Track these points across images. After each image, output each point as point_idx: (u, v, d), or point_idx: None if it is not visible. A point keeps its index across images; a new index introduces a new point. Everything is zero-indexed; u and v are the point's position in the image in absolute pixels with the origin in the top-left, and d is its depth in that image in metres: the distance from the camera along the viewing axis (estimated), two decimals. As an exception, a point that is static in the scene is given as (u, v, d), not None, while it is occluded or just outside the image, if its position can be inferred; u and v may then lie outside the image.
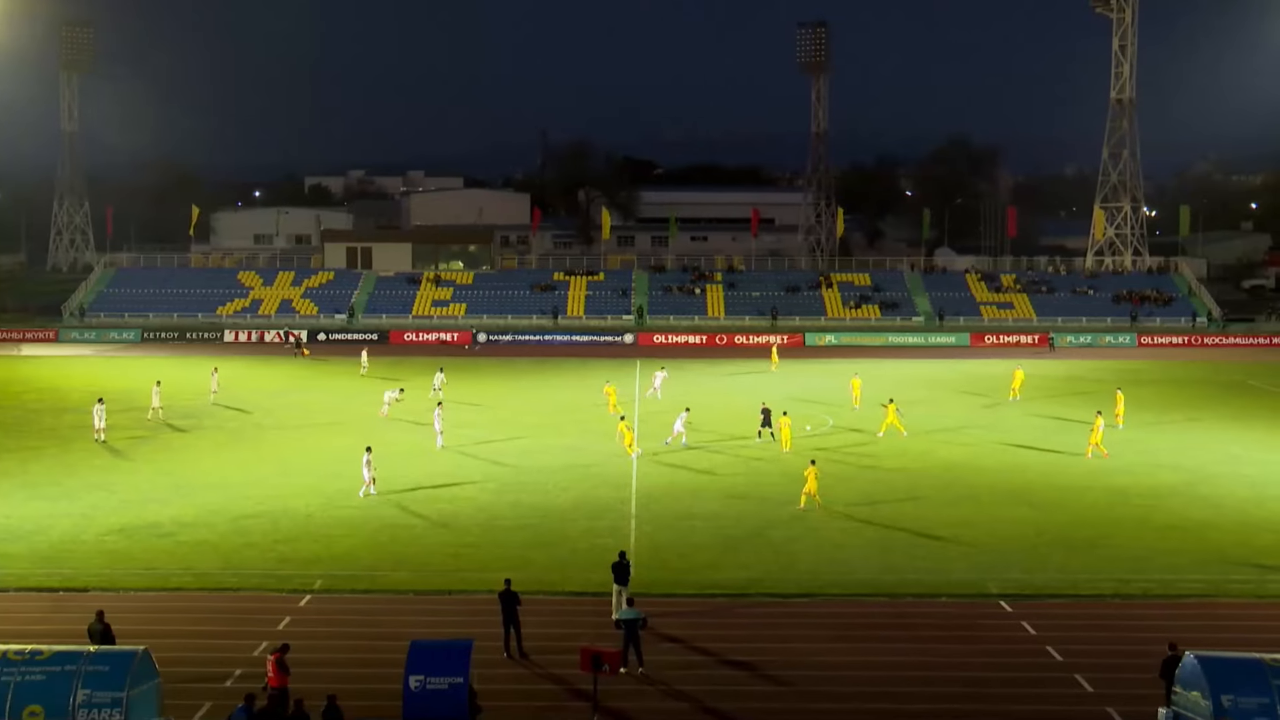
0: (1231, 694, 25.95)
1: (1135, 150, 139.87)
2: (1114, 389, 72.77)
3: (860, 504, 50.04)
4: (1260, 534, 45.76)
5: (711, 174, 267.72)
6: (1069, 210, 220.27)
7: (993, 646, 34.35)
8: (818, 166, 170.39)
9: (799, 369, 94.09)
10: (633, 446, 59.11)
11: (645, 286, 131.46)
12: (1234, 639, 34.00)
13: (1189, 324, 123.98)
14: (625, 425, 60.72)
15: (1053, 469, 56.97)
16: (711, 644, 34.38)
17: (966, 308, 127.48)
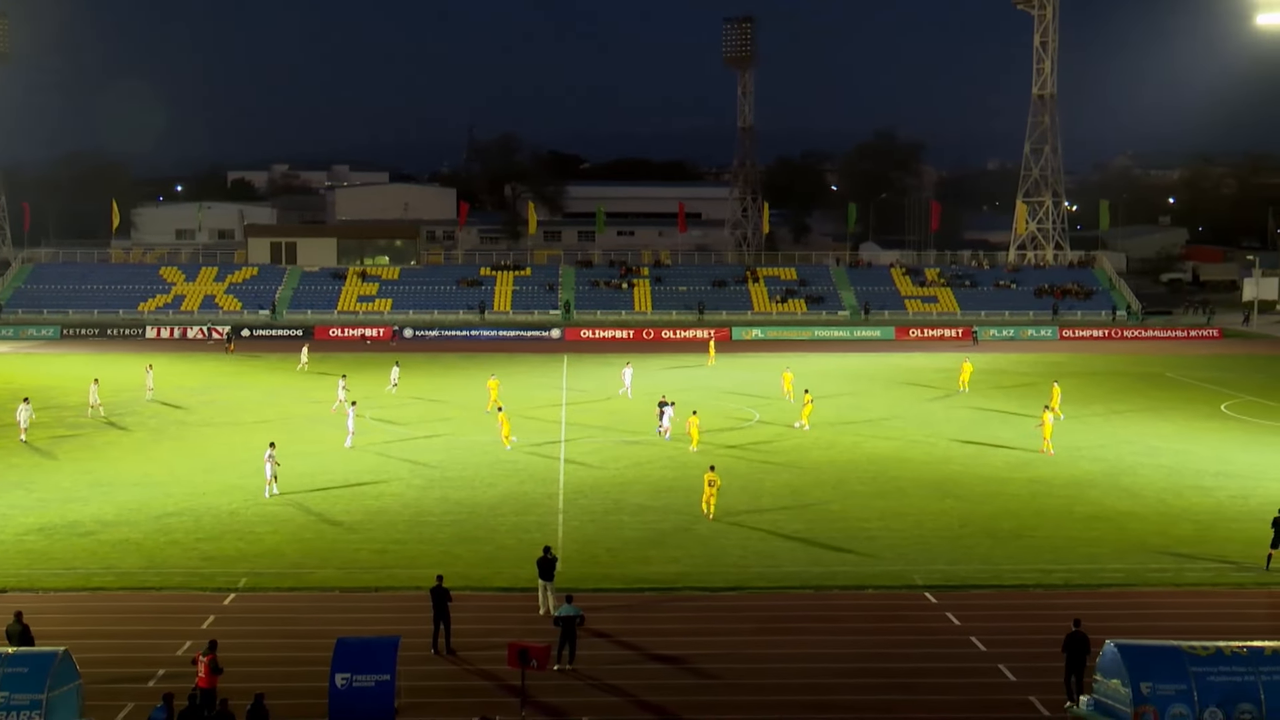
0: (1150, 681, 26.33)
1: (1056, 145, 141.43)
2: (1050, 381, 73.75)
3: (787, 496, 50.30)
4: (1178, 523, 46.46)
5: (639, 169, 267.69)
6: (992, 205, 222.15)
7: (918, 638, 34.65)
8: (744, 161, 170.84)
9: (726, 363, 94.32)
10: (509, 439, 59.44)
11: (572, 281, 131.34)
12: (1153, 627, 34.56)
13: (1109, 317, 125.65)
14: (504, 416, 61.07)
15: (977, 461, 57.54)
16: (640, 638, 34.45)
17: (891, 302, 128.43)
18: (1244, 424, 67.36)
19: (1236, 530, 45.47)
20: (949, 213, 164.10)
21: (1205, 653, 26.94)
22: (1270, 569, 40.43)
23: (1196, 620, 35.67)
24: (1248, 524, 46.21)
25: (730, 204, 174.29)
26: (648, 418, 65.26)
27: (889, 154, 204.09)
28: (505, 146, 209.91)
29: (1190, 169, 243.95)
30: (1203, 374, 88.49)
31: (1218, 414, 70.79)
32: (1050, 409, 62.22)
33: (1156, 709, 26.11)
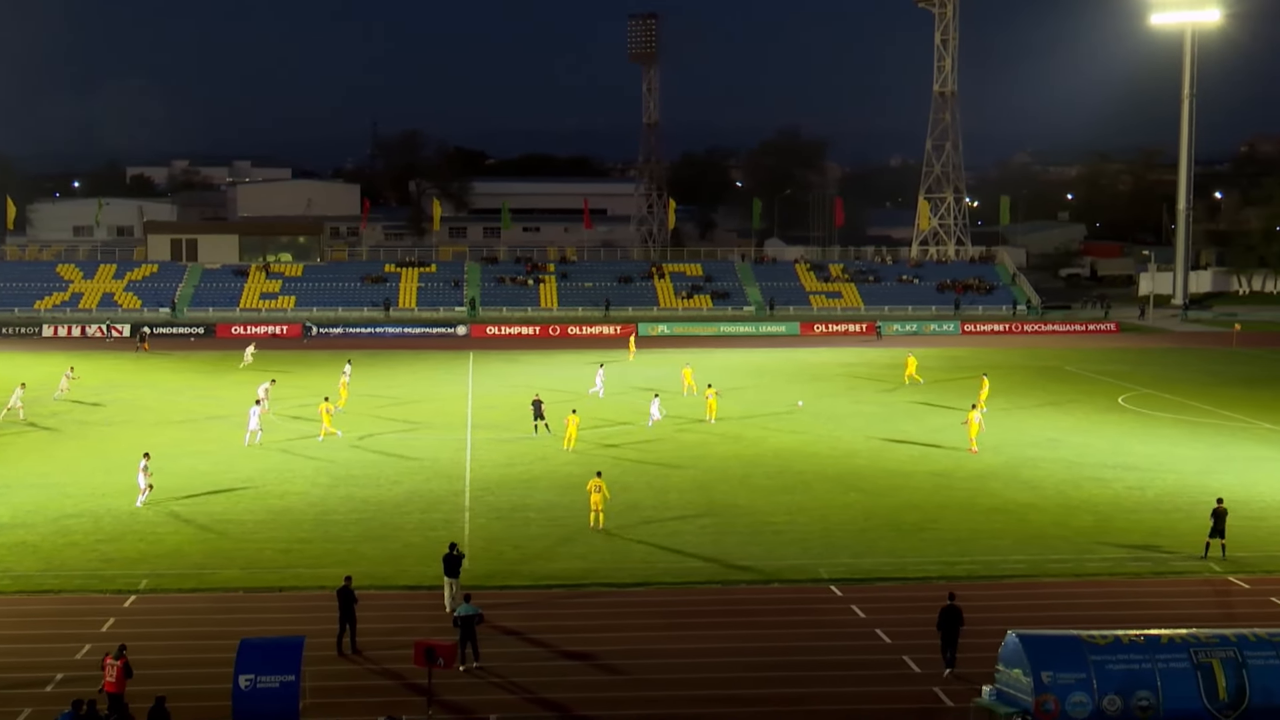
0: (1051, 670, 26.71)
1: (957, 142, 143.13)
2: (979, 375, 74.59)
3: (694, 492, 50.45)
4: (1078, 515, 47.19)
5: (543, 165, 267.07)
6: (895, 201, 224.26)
7: (823, 630, 34.90)
8: (649, 157, 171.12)
9: (636, 359, 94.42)
10: (329, 431, 59.65)
11: (478, 278, 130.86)
12: (1053, 617, 35.08)
13: (1009, 311, 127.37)
14: (326, 407, 61.18)
15: (881, 454, 58.06)
16: (547, 635, 34.39)
17: (796, 297, 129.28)
18: (1141, 416, 68.56)
19: (1134, 521, 46.27)
20: (852, 209, 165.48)
21: (1104, 641, 27.37)
22: (1208, 557, 41.18)
23: (1096, 610, 36.25)
24: (1145, 515, 47.07)
25: (636, 200, 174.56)
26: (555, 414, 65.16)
27: (793, 151, 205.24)
28: (409, 143, 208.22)
29: (1087, 166, 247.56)
30: (1101, 367, 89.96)
31: (1115, 407, 71.99)
32: (976, 406, 62.26)
33: (1057, 697, 26.50)
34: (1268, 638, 27.73)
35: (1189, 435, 62.98)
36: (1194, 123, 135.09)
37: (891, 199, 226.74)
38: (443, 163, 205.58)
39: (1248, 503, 48.63)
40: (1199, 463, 56.20)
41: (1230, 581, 39.30)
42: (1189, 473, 54.08)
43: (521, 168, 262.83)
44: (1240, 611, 36.11)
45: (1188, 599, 37.61)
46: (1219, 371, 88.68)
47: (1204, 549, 41.46)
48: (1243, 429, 64.97)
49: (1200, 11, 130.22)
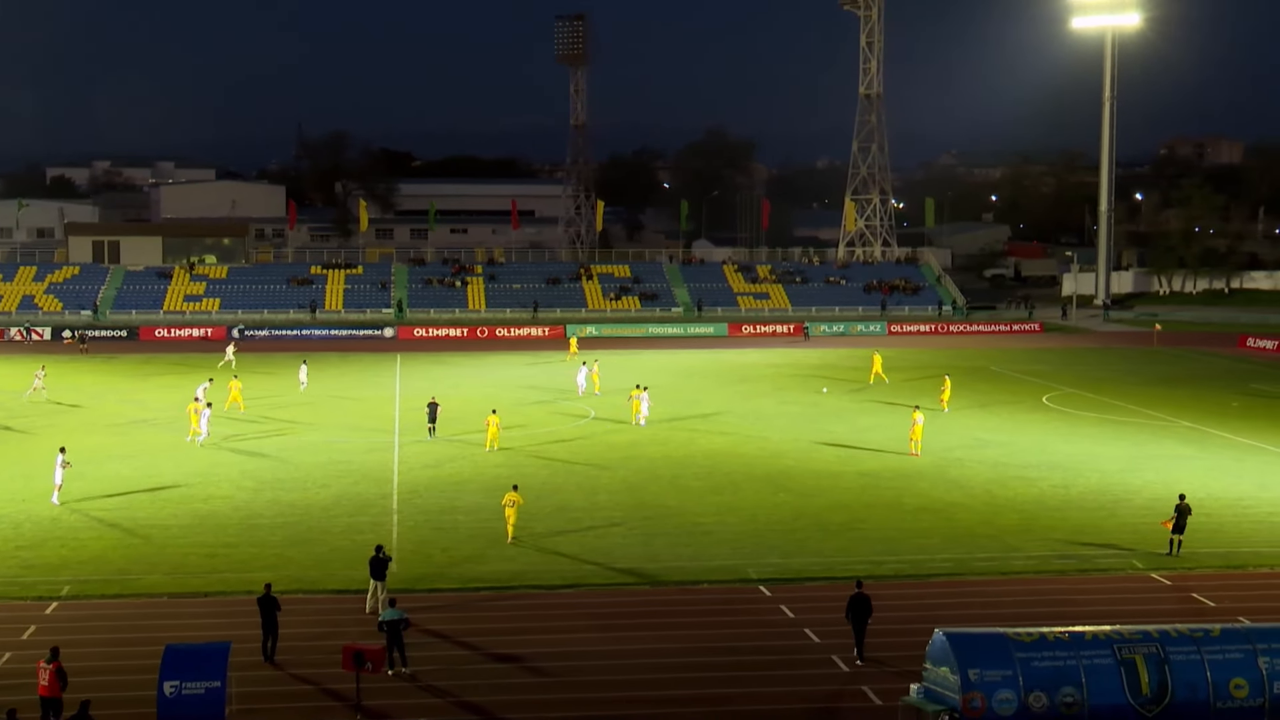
0: (978, 668, 26.90)
1: (883, 144, 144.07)
2: (941, 375, 75.05)
3: (623, 493, 50.46)
4: (1004, 513, 47.63)
5: (471, 166, 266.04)
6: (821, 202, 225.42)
7: (752, 631, 34.99)
8: (577, 158, 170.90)
9: (558, 360, 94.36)
10: (196, 432, 59.51)
11: (405, 280, 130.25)
12: (980, 615, 35.39)
13: (935, 312, 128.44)
14: (195, 409, 60.62)
15: (809, 455, 58.33)
16: (476, 638, 34.25)
17: (724, 298, 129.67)
18: (1064, 415, 69.31)
19: (1059, 519, 46.76)
20: (780, 210, 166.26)
21: (1029, 639, 27.61)
22: (1176, 555, 41.62)
23: (1021, 607, 36.60)
24: (1070, 513, 47.58)
25: (564, 201, 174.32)
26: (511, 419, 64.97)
27: (721, 152, 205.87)
28: (335, 144, 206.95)
29: (1011, 168, 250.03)
30: (1025, 367, 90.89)
31: (1040, 406, 72.75)
32: (917, 411, 59.84)
33: (984, 695, 26.70)
34: (1189, 633, 28.11)
35: (1112, 434, 63.76)
36: (1115, 125, 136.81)
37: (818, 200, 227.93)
38: (369, 164, 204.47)
39: (1169, 500, 49.16)
40: (1122, 461, 56.91)
41: (1152, 578, 39.80)
42: (1112, 471, 54.74)
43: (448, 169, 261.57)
44: (1162, 608, 36.57)
45: (1111, 596, 38.04)
46: (1140, 371, 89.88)
47: (1170, 546, 41.88)
48: (1164, 427, 65.86)
49: (1120, 15, 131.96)
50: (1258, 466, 55.80)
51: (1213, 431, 64.55)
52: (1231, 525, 45.83)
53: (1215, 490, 51.00)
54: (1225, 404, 73.79)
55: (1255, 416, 69.23)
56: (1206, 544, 43.05)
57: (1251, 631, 28.49)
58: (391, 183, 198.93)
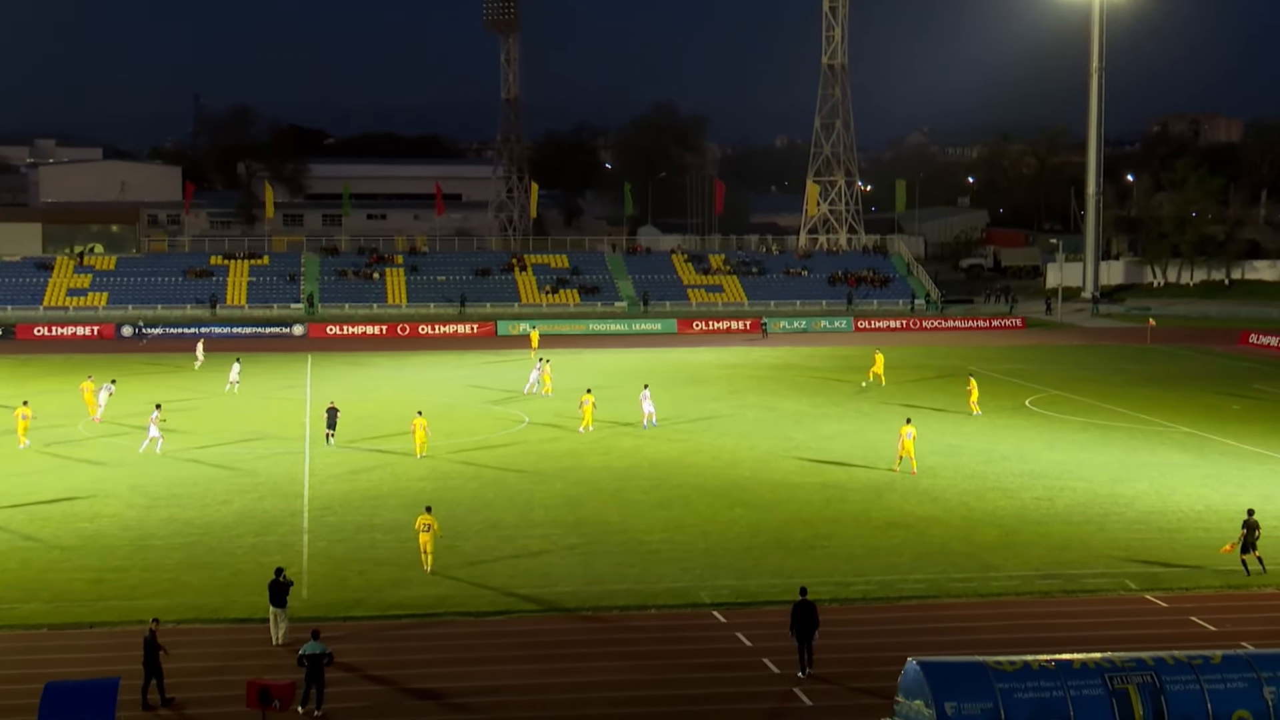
0: (955, 700, 26.92)
1: (849, 120, 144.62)
2: (966, 374, 75.24)
3: (561, 508, 50.33)
4: (982, 528, 47.83)
5: (390, 145, 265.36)
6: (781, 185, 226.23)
7: (706, 661, 34.94)
8: (509, 136, 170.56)
9: (490, 361, 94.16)
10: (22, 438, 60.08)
11: (316, 271, 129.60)
12: (957, 641, 35.49)
13: (906, 306, 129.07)
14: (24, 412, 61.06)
15: (766, 465, 58.40)
16: (395, 671, 34.03)
17: (673, 291, 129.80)
18: (1048, 420, 69.75)
19: (1041, 534, 47.00)
20: (734, 194, 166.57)
21: (1012, 668, 27.67)
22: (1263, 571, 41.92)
23: (1002, 632, 36.75)
24: (1054, 527, 47.85)
25: (494, 184, 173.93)
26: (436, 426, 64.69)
27: (668, 129, 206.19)
28: (237, 119, 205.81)
29: (989, 146, 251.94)
30: (1005, 366, 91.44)
31: (1022, 409, 73.19)
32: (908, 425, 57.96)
33: (962, 730, 26.73)
34: (1187, 660, 28.24)
35: (1100, 440, 64.20)
36: (1103, 100, 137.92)
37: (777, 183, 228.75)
38: (276, 142, 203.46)
39: (1164, 513, 49.70)
40: (1111, 470, 57.31)
41: (1146, 600, 40.06)
42: (1100, 481, 55.11)
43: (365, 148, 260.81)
44: (1158, 632, 36.80)
45: (1101, 619, 38.25)
46: (1132, 370, 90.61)
47: (1244, 567, 42.12)
48: (1158, 433, 66.39)
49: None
50: (1261, 476, 56.33)
51: (1211, 437, 65.13)
52: (1233, 539, 46.12)
53: (1214, 502, 51.42)
54: (1225, 407, 74.49)
55: (1258, 420, 69.92)
56: (1206, 562, 43.38)
57: (1255, 658, 28.66)
58: (301, 163, 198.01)
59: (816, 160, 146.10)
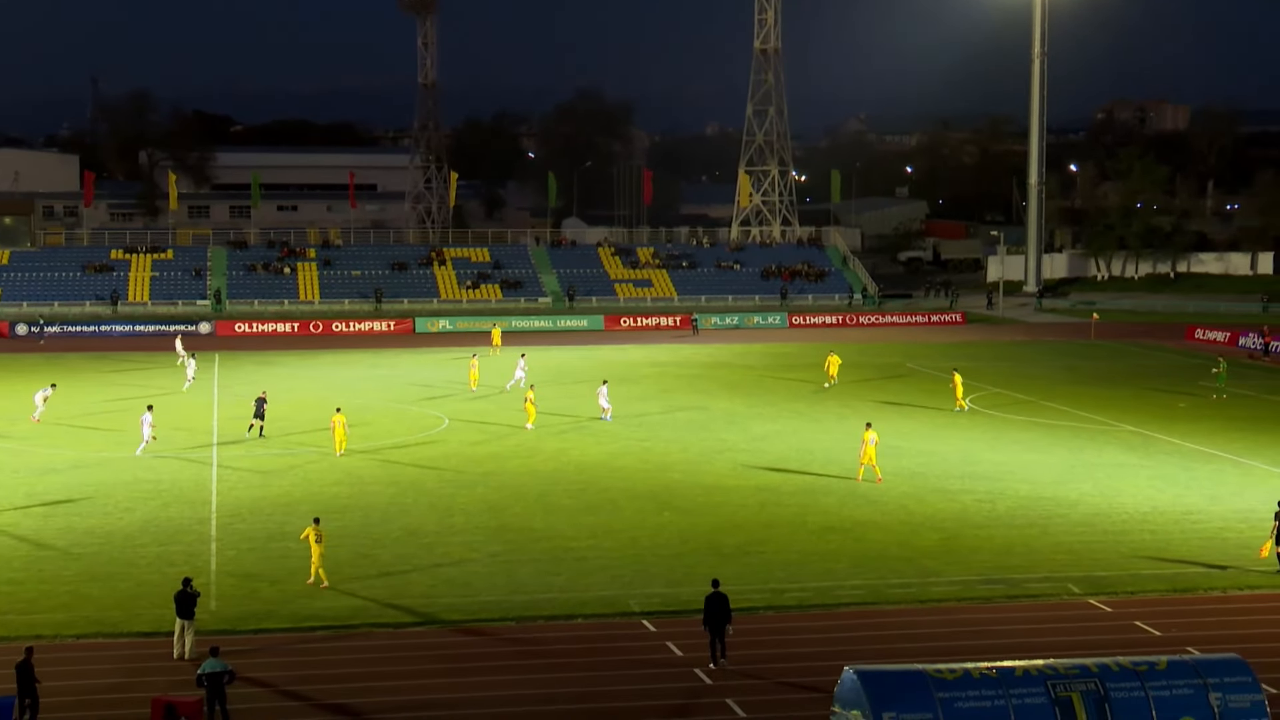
0: (894, 710, 27.12)
1: (782, 107, 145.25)
2: (950, 369, 75.25)
3: (483, 514, 50.29)
4: (922, 533, 48.17)
5: (301, 132, 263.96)
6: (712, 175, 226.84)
7: (635, 672, 35.02)
8: (426, 123, 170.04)
9: (410, 360, 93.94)
10: None
11: (224, 266, 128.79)
12: (895, 649, 35.74)
13: (843, 301, 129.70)
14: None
15: (698, 467, 58.57)
16: (308, 686, 33.91)
17: (600, 286, 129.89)
18: (990, 419, 70.34)
19: (983, 538, 47.40)
20: (663, 184, 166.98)
21: (952, 676, 27.89)
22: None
23: (942, 640, 37.04)
24: (996, 530, 48.27)
25: (411, 174, 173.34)
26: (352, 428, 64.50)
27: (594, 116, 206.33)
28: (138, 105, 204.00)
29: (928, 134, 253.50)
30: (946, 364, 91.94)
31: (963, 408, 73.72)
32: (869, 430, 56.89)
33: (900, 741, 26.95)
34: (1132, 667, 28.57)
35: (1044, 440, 64.81)
36: (1045, 86, 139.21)
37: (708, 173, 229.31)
38: (179, 129, 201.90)
39: (1109, 515, 50.26)
40: (1055, 471, 57.87)
41: (1090, 604, 40.49)
42: (1044, 483, 55.63)
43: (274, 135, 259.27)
44: (1102, 638, 37.21)
45: (1044, 625, 38.63)
46: (1077, 367, 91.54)
47: (1278, 560, 42.64)
48: (1102, 432, 67.11)
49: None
50: (1208, 476, 57.06)
51: (1157, 436, 65.91)
52: (1179, 542, 46.78)
53: (1161, 503, 52.06)
54: (1171, 405, 75.39)
55: (1205, 419, 70.81)
56: (1151, 565, 43.92)
57: (1201, 664, 29.00)
58: (207, 151, 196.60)
59: (749, 149, 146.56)
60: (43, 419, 67.68)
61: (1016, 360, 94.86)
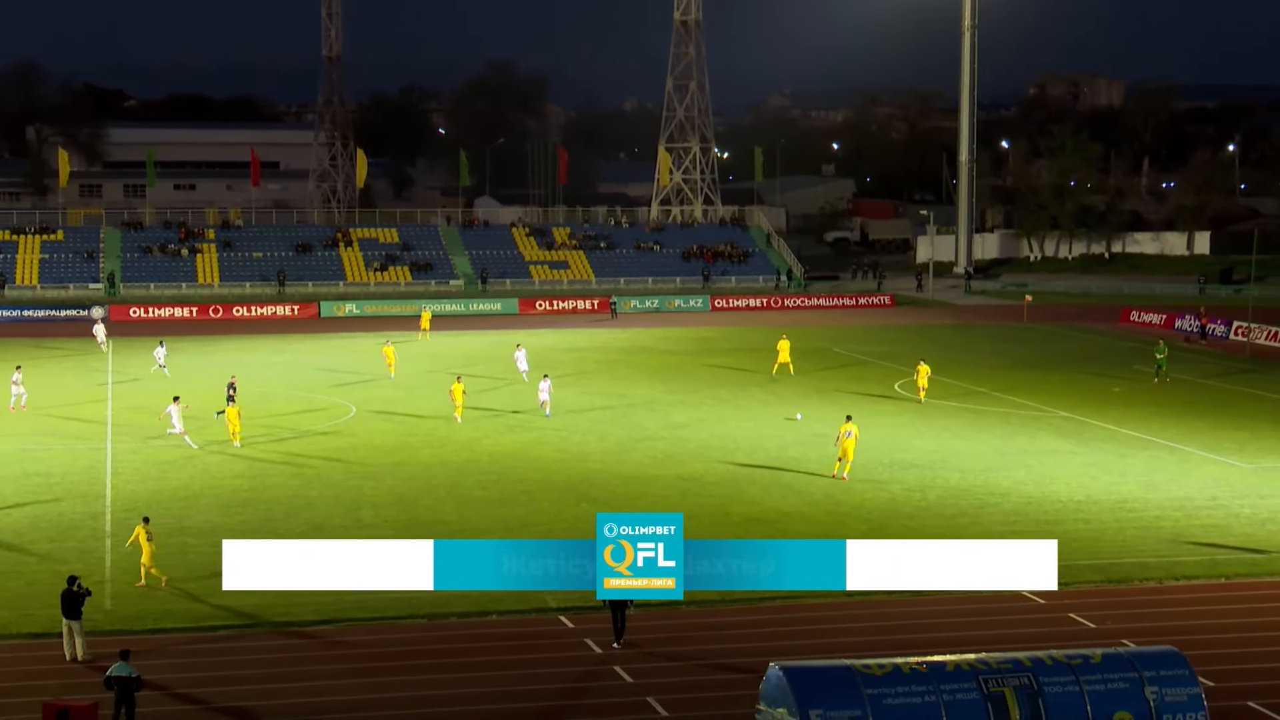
0: (821, 708, 27.26)
1: (703, 81, 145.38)
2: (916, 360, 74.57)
3: (392, 506, 50.15)
4: (849, 523, 48.39)
5: (198, 107, 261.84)
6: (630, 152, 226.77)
7: (553, 670, 35.03)
8: (331, 98, 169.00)
9: (314, 347, 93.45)
10: None
11: (118, 247, 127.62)
12: (823, 644, 35.92)
13: (768, 283, 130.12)
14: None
15: (616, 457, 58.61)
16: (209, 688, 33.70)
17: (514, 268, 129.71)
18: (919, 405, 70.74)
19: (913, 529, 47.67)
20: (580, 162, 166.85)
21: (881, 671, 28.06)
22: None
23: (870, 634, 37.26)
24: (927, 521, 48.60)
25: (315, 151, 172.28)
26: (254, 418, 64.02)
27: (507, 91, 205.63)
28: (23, 77, 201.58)
29: (855, 110, 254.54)
30: (873, 348, 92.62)
31: (891, 394, 74.18)
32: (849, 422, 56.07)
33: (828, 739, 27.09)
34: (1065, 660, 28.85)
35: (975, 426, 65.32)
36: (976, 60, 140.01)
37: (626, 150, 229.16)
38: (69, 103, 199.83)
39: (1041, 504, 50.72)
40: (986, 458, 58.34)
41: (1024, 596, 40.81)
42: (974, 471, 56.07)
43: (171, 111, 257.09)
44: (1035, 630, 37.55)
45: (975, 618, 38.92)
46: (1008, 351, 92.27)
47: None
48: (1035, 418, 67.69)
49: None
50: (1143, 463, 57.68)
51: (1091, 422, 66.55)
52: (1114, 532, 47.29)
53: (1095, 492, 52.58)
54: (1106, 390, 76.12)
55: (1140, 404, 71.57)
56: (1085, 555, 44.36)
57: (1137, 657, 29.33)
58: (98, 127, 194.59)
59: (669, 125, 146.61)
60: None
61: (946, 344, 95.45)
